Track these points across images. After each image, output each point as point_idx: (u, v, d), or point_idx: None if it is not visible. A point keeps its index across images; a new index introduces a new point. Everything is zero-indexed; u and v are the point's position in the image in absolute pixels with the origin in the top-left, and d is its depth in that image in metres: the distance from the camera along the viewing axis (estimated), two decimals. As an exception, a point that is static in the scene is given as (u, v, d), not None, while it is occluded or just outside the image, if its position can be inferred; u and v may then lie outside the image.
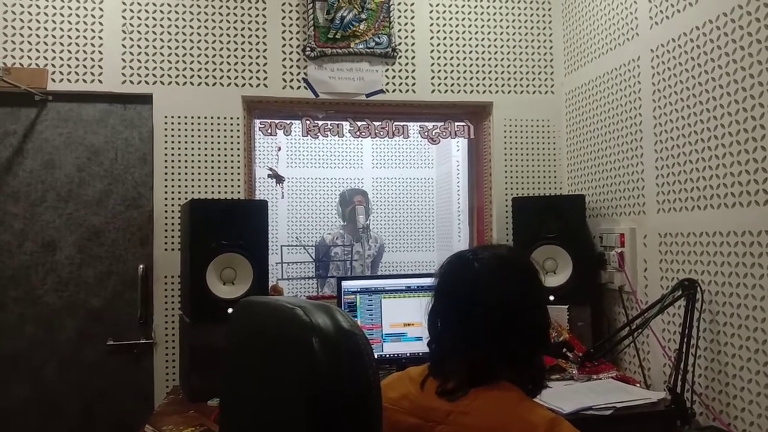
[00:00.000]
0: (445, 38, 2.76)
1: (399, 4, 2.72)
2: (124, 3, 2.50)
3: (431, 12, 2.75)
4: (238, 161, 2.56)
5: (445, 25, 2.76)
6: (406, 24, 2.73)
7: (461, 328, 1.13)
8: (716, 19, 1.82)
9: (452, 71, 2.76)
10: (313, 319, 0.73)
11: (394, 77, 2.71)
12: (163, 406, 2.10)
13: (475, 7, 2.79)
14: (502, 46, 2.80)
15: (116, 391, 2.43)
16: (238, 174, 2.56)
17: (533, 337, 1.15)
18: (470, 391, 1.08)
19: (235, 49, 2.58)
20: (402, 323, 2.34)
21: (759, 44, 1.66)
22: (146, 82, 2.50)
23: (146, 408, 2.31)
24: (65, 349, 2.41)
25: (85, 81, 2.46)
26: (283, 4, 2.63)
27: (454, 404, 1.07)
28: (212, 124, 2.54)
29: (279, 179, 3.15)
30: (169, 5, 2.54)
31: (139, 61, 2.50)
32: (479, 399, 1.07)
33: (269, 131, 2.66)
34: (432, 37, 2.75)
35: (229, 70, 2.57)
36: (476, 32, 2.78)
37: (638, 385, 2.09)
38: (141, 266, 2.47)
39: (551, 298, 2.31)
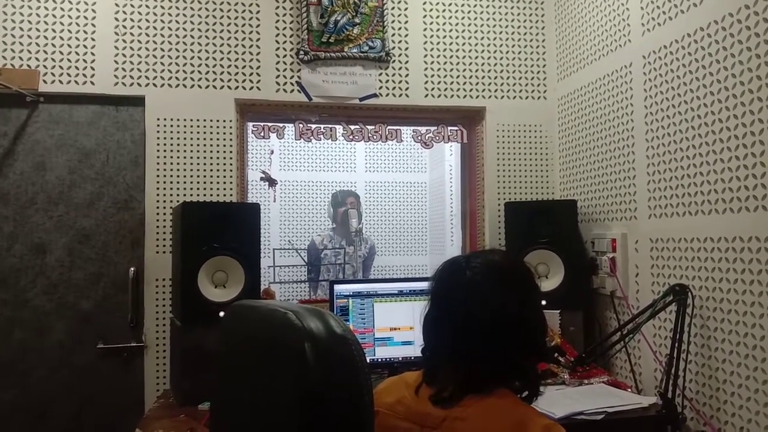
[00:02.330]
0: (438, 43, 2.77)
1: (393, 8, 2.73)
2: (116, 5, 2.49)
3: (425, 17, 2.76)
4: (231, 164, 2.56)
5: (438, 29, 2.77)
6: (399, 28, 2.74)
7: (455, 336, 1.12)
8: (707, 27, 1.84)
9: (446, 76, 2.77)
10: (305, 323, 0.73)
11: (387, 81, 2.72)
12: (153, 410, 2.08)
13: (469, 12, 2.80)
14: (495, 52, 2.81)
15: (106, 395, 2.41)
16: (231, 177, 2.55)
17: (528, 342, 1.14)
18: (464, 399, 1.07)
19: (229, 52, 2.58)
20: (389, 327, 2.33)
21: (749, 52, 1.68)
22: (138, 84, 2.49)
23: (136, 412, 2.29)
24: (54, 352, 2.39)
25: (77, 82, 2.44)
26: (277, 8, 2.63)
27: (449, 410, 1.07)
28: (205, 126, 2.54)
29: (271, 182, 3.14)
30: (162, 7, 2.53)
31: (131, 63, 2.49)
32: (473, 406, 1.06)
33: (262, 134, 2.66)
34: (426, 42, 2.76)
35: (222, 73, 2.57)
36: (470, 37, 2.80)
37: (629, 390, 2.10)
38: (132, 269, 2.45)
39: (543, 302, 2.31)
